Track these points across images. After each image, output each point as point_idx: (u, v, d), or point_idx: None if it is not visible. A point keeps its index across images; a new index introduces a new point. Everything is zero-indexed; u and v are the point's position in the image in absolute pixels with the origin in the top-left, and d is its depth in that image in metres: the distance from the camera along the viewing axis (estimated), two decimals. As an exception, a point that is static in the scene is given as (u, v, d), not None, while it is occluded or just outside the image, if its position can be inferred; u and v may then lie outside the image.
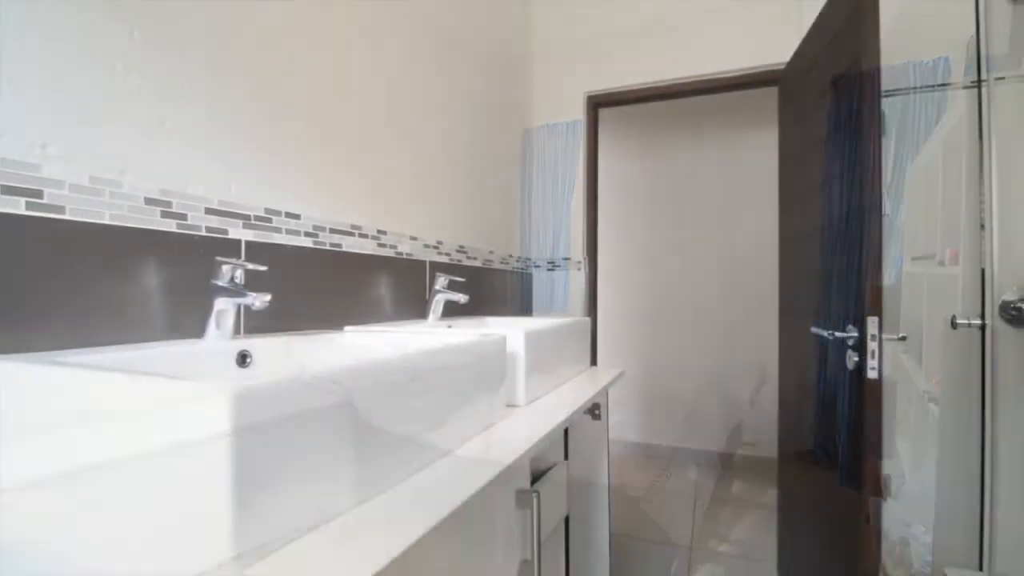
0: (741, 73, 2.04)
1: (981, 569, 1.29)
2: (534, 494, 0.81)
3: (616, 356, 3.42)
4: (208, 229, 0.91)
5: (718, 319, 3.24)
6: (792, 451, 1.87)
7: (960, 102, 1.69)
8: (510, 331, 1.06)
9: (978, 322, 1.17)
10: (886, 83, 1.74)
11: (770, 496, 2.47)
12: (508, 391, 1.03)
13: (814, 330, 1.45)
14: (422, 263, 1.51)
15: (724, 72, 2.06)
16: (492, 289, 1.93)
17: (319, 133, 1.15)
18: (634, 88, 2.20)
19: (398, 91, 1.42)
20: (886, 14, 1.37)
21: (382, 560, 0.44)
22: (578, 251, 2.25)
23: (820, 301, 1.56)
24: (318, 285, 1.14)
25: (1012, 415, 1.63)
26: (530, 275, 2.29)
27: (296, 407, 0.49)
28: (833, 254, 1.45)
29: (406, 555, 0.47)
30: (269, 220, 1.03)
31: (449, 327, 1.37)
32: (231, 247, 0.95)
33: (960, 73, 1.69)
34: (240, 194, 0.97)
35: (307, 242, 1.11)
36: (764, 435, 3.05)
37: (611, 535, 1.56)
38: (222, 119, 0.94)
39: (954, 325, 1.18)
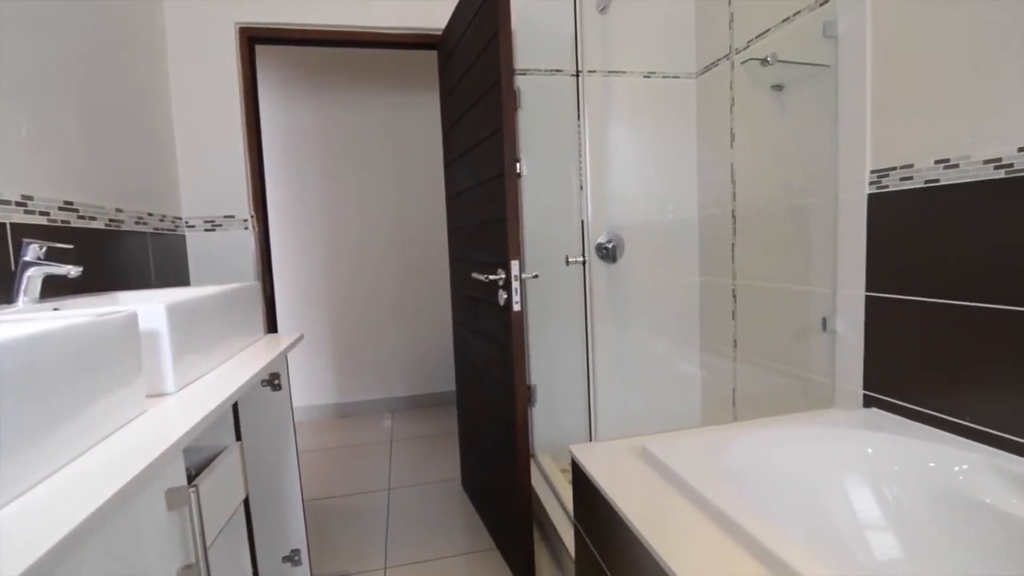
0: (404, 32, 2.09)
1: (591, 440, 1.76)
2: (191, 490, 0.70)
3: (303, 319, 3.26)
4: None
5: (399, 271, 3.41)
6: (465, 380, 2.15)
7: (569, 86, 2.12)
8: (147, 307, 0.87)
9: (582, 259, 1.54)
10: (522, 62, 2.06)
11: (453, 423, 2.81)
12: (150, 378, 0.86)
13: (474, 275, 1.66)
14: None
15: (388, 28, 2.07)
16: (126, 257, 1.55)
17: None
18: (294, 27, 2.01)
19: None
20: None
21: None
22: (244, 207, 2.00)
23: (477, 250, 1.78)
24: None
25: (602, 324, 2.22)
26: (182, 237, 1.93)
27: None
28: (483, 209, 1.67)
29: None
30: None
31: (55, 309, 1.05)
32: None
33: (569, 63, 2.11)
34: None
35: None
36: (445, 371, 3.42)
37: (306, 502, 1.51)
38: None
39: (567, 263, 1.52)
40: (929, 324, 1.27)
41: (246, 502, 1.27)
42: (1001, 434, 1.13)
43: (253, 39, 2.02)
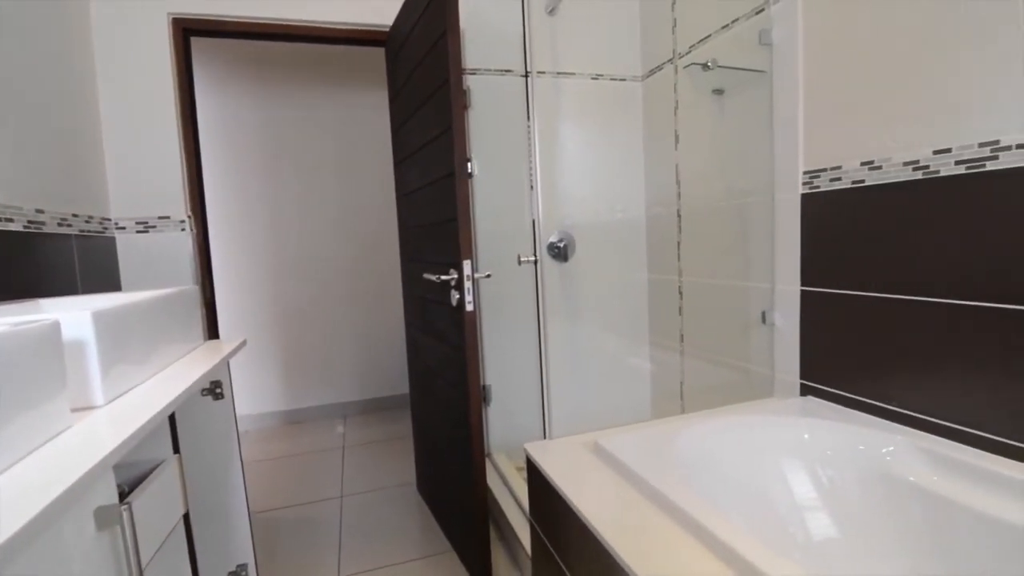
0: (349, 28, 2.04)
1: (545, 437, 1.77)
2: (123, 508, 0.66)
3: (247, 324, 3.13)
4: None
5: (349, 272, 3.33)
6: (418, 382, 2.12)
7: (519, 87, 2.13)
8: (72, 315, 0.81)
9: (533, 258, 1.55)
10: (472, 62, 2.05)
11: (407, 426, 2.77)
12: (77, 391, 0.81)
13: (426, 276, 1.64)
14: None
15: (332, 23, 2.02)
16: (49, 262, 1.45)
17: None
18: (231, 19, 1.92)
19: None
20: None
21: None
22: (180, 208, 1.90)
23: (428, 250, 1.77)
24: None
25: (555, 322, 2.25)
26: (112, 240, 1.82)
27: None
28: (434, 209, 1.66)
29: None
30: None
31: (-35, 320, 0.96)
32: None
33: (518, 64, 2.12)
34: None
35: None
36: (398, 374, 3.37)
37: (253, 514, 1.46)
38: None
39: (519, 262, 1.53)
40: (857, 316, 1.35)
41: (187, 518, 1.21)
42: (923, 417, 1.22)
43: (188, 31, 1.92)
